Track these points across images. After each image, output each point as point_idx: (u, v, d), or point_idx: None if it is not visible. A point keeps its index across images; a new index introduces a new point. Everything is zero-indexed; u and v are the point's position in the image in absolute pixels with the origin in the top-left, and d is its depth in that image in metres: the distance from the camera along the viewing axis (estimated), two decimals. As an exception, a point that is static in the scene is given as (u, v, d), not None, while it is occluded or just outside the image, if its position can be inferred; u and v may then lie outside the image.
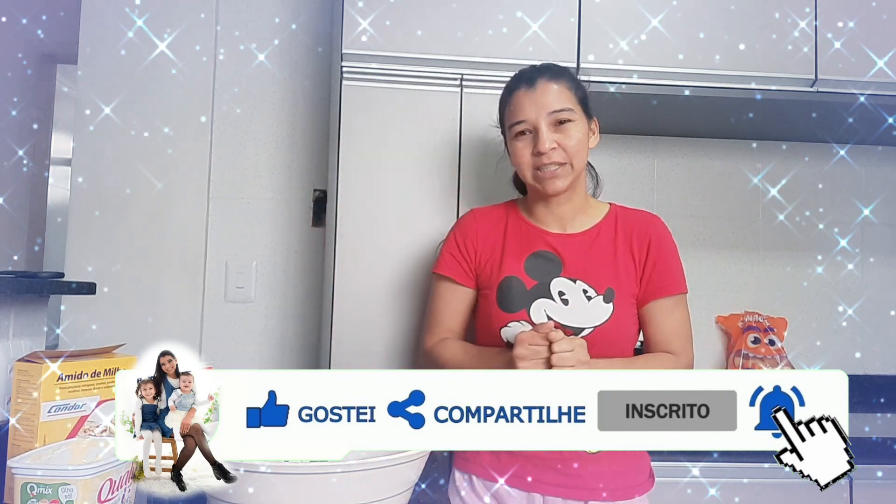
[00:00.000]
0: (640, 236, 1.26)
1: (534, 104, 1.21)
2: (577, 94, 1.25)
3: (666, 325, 1.25)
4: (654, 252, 1.25)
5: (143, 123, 1.87)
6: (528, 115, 1.22)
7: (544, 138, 1.19)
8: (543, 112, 1.20)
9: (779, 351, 1.93)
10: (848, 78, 1.65)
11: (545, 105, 1.21)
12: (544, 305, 1.20)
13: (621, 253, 1.25)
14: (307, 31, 1.95)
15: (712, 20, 1.64)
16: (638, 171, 2.05)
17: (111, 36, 1.86)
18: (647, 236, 1.26)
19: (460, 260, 1.31)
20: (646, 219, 1.30)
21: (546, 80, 1.23)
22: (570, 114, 1.21)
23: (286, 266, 1.92)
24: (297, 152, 1.94)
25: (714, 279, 2.04)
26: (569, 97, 1.23)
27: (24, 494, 0.68)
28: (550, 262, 1.24)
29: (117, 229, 1.86)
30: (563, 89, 1.23)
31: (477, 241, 1.30)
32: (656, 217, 1.31)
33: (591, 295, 1.21)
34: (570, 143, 1.20)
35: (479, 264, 1.30)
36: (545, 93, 1.22)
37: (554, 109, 1.20)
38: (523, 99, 1.23)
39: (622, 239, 1.26)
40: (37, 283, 1.15)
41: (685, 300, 1.28)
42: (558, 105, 1.21)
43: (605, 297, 1.20)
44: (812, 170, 2.08)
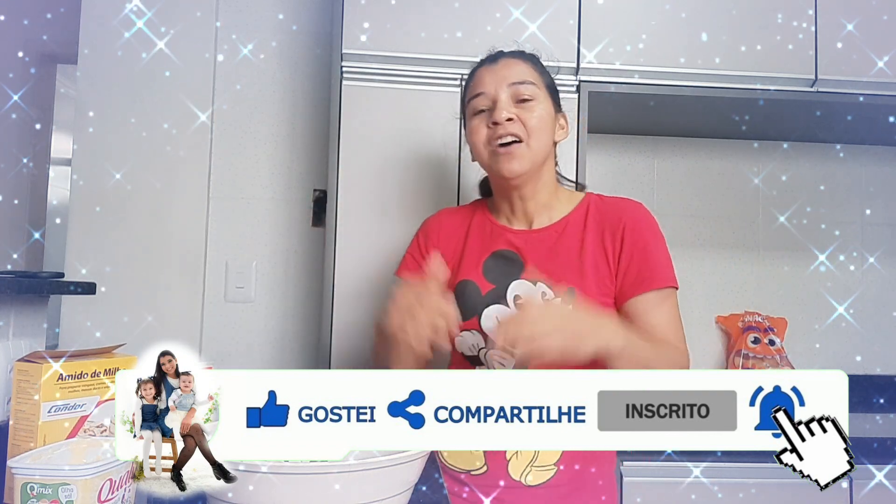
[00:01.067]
0: (612, 226, 1.13)
1: (493, 76, 1.12)
2: (543, 78, 1.16)
3: (648, 325, 1.08)
4: (630, 242, 1.11)
5: (142, 123, 1.87)
6: (486, 86, 1.12)
7: (501, 108, 1.09)
8: (504, 84, 1.11)
9: (779, 351, 1.93)
10: (848, 78, 1.65)
11: (505, 77, 1.11)
12: (496, 312, 1.10)
13: (590, 246, 1.12)
14: (307, 31, 1.95)
15: (713, 21, 1.64)
16: (638, 171, 2.05)
17: (111, 36, 1.86)
18: (621, 225, 1.12)
19: (420, 262, 1.22)
20: (622, 206, 1.16)
21: (510, 58, 1.15)
22: (532, 89, 1.12)
23: (286, 266, 1.92)
24: (297, 152, 1.94)
25: (714, 279, 2.04)
26: (534, 76, 1.14)
27: (24, 494, 0.68)
28: (511, 262, 1.14)
29: (117, 229, 1.86)
30: (528, 67, 1.15)
31: (439, 242, 1.22)
32: (635, 204, 1.17)
33: (549, 297, 1.09)
34: (529, 117, 1.10)
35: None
36: (507, 66, 1.13)
37: (515, 81, 1.11)
38: (484, 73, 1.14)
39: (593, 230, 1.13)
40: (37, 283, 1.15)
41: (673, 296, 1.11)
42: (519, 77, 1.12)
43: (563, 299, 1.08)
44: (812, 170, 2.08)
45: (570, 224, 1.15)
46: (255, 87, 1.93)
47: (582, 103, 1.60)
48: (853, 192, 2.09)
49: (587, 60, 1.60)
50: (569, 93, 1.60)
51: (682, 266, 2.03)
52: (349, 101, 1.57)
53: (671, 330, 1.09)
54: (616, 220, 1.13)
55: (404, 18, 1.57)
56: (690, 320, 2.01)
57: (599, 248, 1.12)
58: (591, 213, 1.15)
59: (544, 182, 1.17)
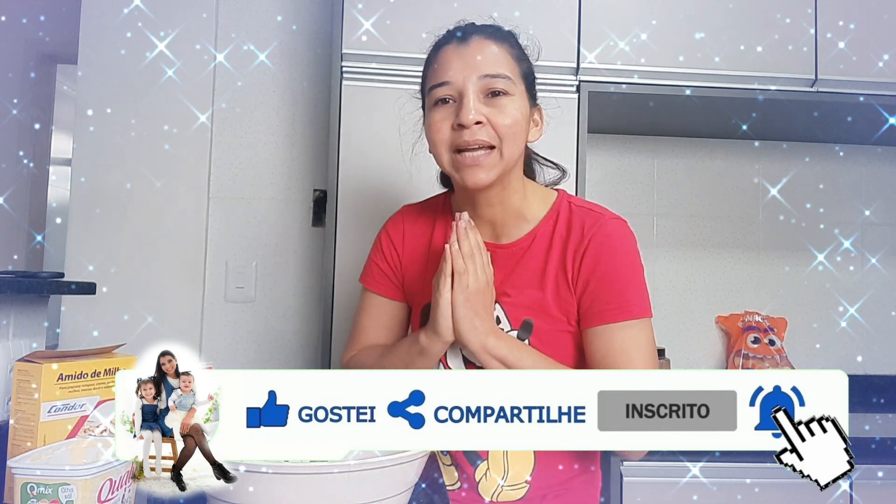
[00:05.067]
0: (576, 244, 0.99)
1: (462, 62, 0.95)
2: (520, 67, 1.00)
3: (603, 357, 0.96)
4: (589, 267, 0.97)
5: (143, 123, 1.87)
6: (453, 75, 0.95)
7: (469, 107, 0.93)
8: (473, 75, 0.95)
9: (779, 351, 1.93)
10: (848, 78, 1.65)
11: (477, 66, 0.95)
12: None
13: (553, 267, 1.00)
14: (307, 31, 1.95)
15: (712, 20, 1.64)
16: (638, 171, 2.05)
17: (111, 36, 1.86)
18: (584, 245, 0.98)
19: (386, 270, 1.12)
20: (591, 222, 1.00)
21: (483, 38, 0.98)
22: (507, 84, 0.95)
23: (286, 266, 1.92)
24: (297, 152, 1.94)
25: (714, 279, 2.04)
26: (509, 64, 0.97)
27: (24, 494, 0.68)
28: None
29: (117, 229, 1.86)
30: (505, 54, 0.98)
31: (403, 246, 1.11)
32: (609, 221, 1.00)
33: (505, 328, 1.00)
34: (502, 121, 0.94)
35: (405, 277, 1.11)
36: (480, 50, 0.96)
37: (487, 73, 0.95)
38: (451, 55, 0.97)
39: (557, 247, 1.00)
40: (37, 283, 1.15)
41: (640, 327, 0.97)
42: (493, 69, 0.95)
43: (519, 332, 1.00)
44: (812, 170, 2.08)
45: (536, 238, 1.03)
46: (255, 87, 1.93)
47: (582, 103, 1.60)
48: (853, 192, 2.09)
49: (587, 60, 1.60)
50: (569, 93, 1.60)
51: (682, 266, 2.06)
52: (349, 101, 1.57)
53: (634, 364, 0.95)
54: (580, 238, 0.99)
55: (404, 18, 1.57)
56: (690, 320, 2.02)
57: (561, 269, 1.00)
58: (559, 224, 1.02)
59: (514, 187, 1.02)
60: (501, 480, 1.03)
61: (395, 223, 1.15)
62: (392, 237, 1.13)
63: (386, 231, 1.15)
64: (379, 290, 1.13)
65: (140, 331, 1.81)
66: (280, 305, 1.91)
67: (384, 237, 1.14)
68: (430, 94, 0.99)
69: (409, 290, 1.12)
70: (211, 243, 1.90)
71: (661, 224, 2.02)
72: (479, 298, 0.95)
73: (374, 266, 1.14)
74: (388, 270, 1.13)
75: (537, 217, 1.04)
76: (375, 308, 1.14)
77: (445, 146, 0.98)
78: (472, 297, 0.94)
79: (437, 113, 0.98)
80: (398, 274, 1.13)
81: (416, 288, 1.10)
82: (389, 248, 1.13)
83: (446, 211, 1.12)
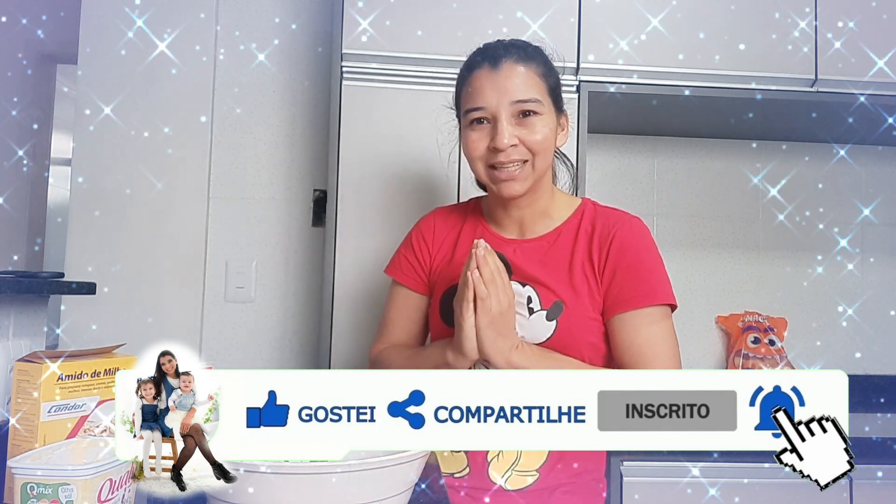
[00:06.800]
0: (601, 238, 1.08)
1: (496, 89, 1.05)
2: (547, 83, 1.09)
3: (633, 344, 1.04)
4: (616, 257, 1.06)
5: (143, 123, 1.87)
6: (487, 101, 1.05)
7: (503, 132, 1.03)
8: (506, 100, 1.04)
9: (779, 351, 1.93)
10: (848, 78, 1.65)
11: (508, 92, 1.04)
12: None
13: (579, 259, 1.08)
14: (307, 31, 1.95)
15: (712, 20, 1.64)
16: (638, 171, 2.05)
17: (111, 36, 1.86)
18: (609, 239, 1.08)
19: (414, 264, 1.19)
20: (615, 219, 1.10)
21: (513, 62, 1.06)
22: (537, 105, 1.05)
23: (286, 266, 1.92)
24: (297, 152, 1.94)
25: (714, 279, 2.04)
26: (538, 85, 1.07)
27: (24, 494, 0.68)
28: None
29: (117, 229, 1.86)
30: (533, 75, 1.07)
31: (433, 243, 1.19)
32: (631, 218, 1.11)
33: (535, 308, 1.07)
34: (533, 139, 1.05)
35: (433, 269, 1.18)
36: (510, 77, 1.05)
37: (518, 99, 1.05)
38: (485, 81, 1.06)
39: (583, 241, 1.10)
40: (37, 283, 1.15)
41: (664, 314, 1.06)
42: (524, 94, 1.05)
43: (549, 312, 1.06)
44: (812, 170, 2.08)
45: (562, 234, 1.12)
46: (255, 87, 1.93)
47: (582, 103, 1.61)
48: (853, 192, 2.09)
49: (587, 60, 1.60)
50: (569, 93, 1.59)
51: (682, 266, 2.06)
52: (349, 101, 1.57)
53: (659, 350, 1.04)
54: (605, 233, 1.09)
55: (404, 18, 1.57)
56: (690, 320, 2.02)
57: (588, 260, 1.08)
58: (583, 222, 1.12)
59: (543, 189, 1.13)
60: (514, 463, 1.06)
61: (428, 220, 1.24)
62: (423, 232, 1.22)
63: (418, 227, 1.24)
64: (406, 281, 1.20)
65: (140, 331, 1.81)
66: (280, 305, 1.91)
67: (415, 233, 1.23)
68: (465, 116, 1.10)
69: (433, 279, 1.18)
70: (211, 243, 1.90)
71: (661, 224, 2.02)
72: (501, 320, 1.00)
73: (402, 259, 1.22)
74: (415, 264, 1.20)
75: (563, 217, 1.14)
76: (402, 300, 1.21)
77: (482, 162, 1.09)
78: (496, 319, 1.00)
79: (473, 132, 1.08)
80: (426, 267, 1.19)
81: (439, 274, 1.17)
82: (419, 241, 1.21)
83: (477, 210, 1.22)
